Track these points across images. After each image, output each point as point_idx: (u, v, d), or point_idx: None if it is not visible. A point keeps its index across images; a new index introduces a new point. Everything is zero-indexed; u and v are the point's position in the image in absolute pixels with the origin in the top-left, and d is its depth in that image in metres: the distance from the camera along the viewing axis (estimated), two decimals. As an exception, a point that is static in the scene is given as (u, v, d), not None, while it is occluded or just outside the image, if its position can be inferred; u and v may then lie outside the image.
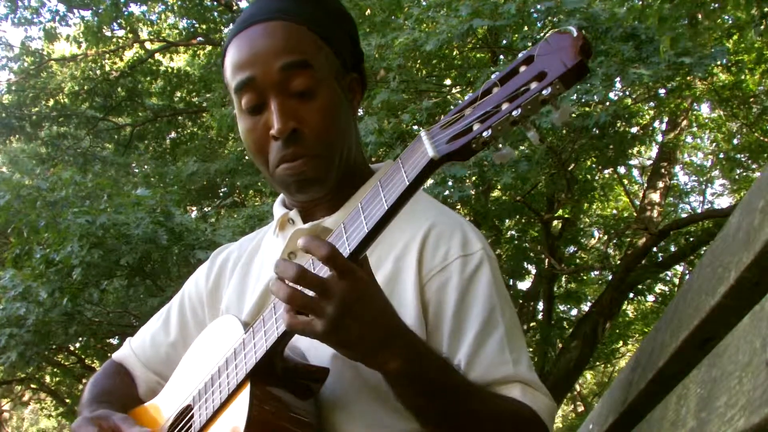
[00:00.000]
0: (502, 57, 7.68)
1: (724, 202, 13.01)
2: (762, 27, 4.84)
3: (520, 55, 0.92)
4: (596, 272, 11.42)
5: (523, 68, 0.91)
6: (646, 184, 10.50)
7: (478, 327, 1.17)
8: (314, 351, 1.18)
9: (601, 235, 11.21)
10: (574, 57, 0.86)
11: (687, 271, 11.25)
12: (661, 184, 10.02)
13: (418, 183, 0.94)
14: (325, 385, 1.16)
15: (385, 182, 0.98)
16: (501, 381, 1.15)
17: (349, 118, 1.29)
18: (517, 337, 1.20)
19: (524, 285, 11.22)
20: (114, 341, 9.51)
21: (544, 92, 0.87)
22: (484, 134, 0.90)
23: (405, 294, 1.19)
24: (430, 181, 6.79)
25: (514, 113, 0.88)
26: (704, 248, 8.75)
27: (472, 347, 1.16)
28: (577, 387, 14.97)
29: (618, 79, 6.22)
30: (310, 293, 0.97)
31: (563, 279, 10.95)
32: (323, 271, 1.01)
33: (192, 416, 1.22)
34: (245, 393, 1.10)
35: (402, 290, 1.19)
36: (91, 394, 1.40)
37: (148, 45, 12.01)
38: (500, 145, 0.91)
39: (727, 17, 7.15)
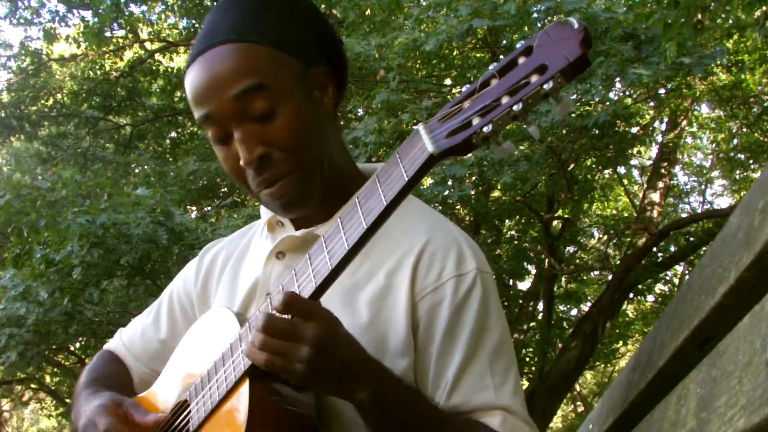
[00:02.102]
0: (502, 57, 7.67)
1: (724, 202, 13.03)
2: (766, 27, 4.82)
3: (518, 45, 0.89)
4: (596, 272, 11.42)
5: (522, 60, 0.88)
6: (646, 184, 10.51)
7: (465, 351, 1.15)
8: None
9: (601, 235, 11.21)
10: (577, 50, 0.83)
11: (687, 271, 11.25)
12: (661, 184, 10.03)
13: (417, 178, 0.92)
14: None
15: (383, 178, 0.96)
16: (482, 407, 1.14)
17: (322, 123, 1.21)
18: (505, 360, 1.18)
19: (524, 285, 11.23)
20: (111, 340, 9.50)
21: (545, 86, 0.84)
22: (485, 129, 0.87)
23: (395, 311, 1.17)
24: (429, 181, 6.79)
25: (515, 107, 0.85)
26: (704, 248, 8.75)
27: (456, 372, 1.15)
28: (577, 387, 14.96)
29: (618, 79, 6.23)
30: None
31: (563, 279, 10.94)
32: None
33: (189, 412, 1.22)
34: (245, 389, 1.10)
35: (392, 307, 1.18)
36: (89, 377, 1.40)
37: (148, 45, 12.01)
38: (500, 140, 0.89)
39: (725, 15, 7.15)
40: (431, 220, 1.26)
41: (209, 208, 11.08)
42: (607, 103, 6.49)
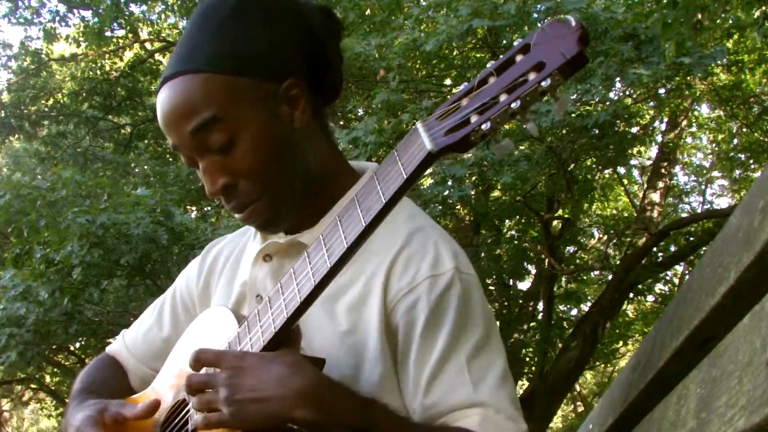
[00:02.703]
0: (501, 57, 7.68)
1: (724, 202, 13.02)
2: (765, 27, 4.83)
3: (515, 43, 0.90)
4: (596, 272, 11.42)
5: (519, 57, 0.87)
6: (646, 184, 10.51)
7: (442, 349, 1.12)
8: (308, 346, 1.18)
9: (601, 235, 11.21)
10: (574, 47, 0.83)
11: (687, 271, 11.25)
12: (661, 184, 10.03)
13: (415, 176, 0.91)
14: None
15: (381, 176, 0.95)
16: (459, 406, 1.11)
17: (293, 139, 1.18)
18: (488, 357, 1.14)
19: (524, 285, 11.23)
20: (114, 341, 9.52)
21: (543, 83, 0.84)
22: (483, 126, 0.87)
23: (370, 319, 1.16)
24: (429, 181, 6.79)
25: (513, 105, 0.85)
26: (704, 248, 8.75)
27: (432, 370, 1.12)
28: (577, 387, 14.97)
29: (618, 79, 6.23)
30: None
31: (563, 279, 10.94)
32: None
33: (188, 410, 1.22)
34: None
35: (368, 315, 1.16)
36: (81, 384, 1.40)
37: (148, 45, 12.01)
38: (499, 137, 0.88)
39: (725, 15, 7.15)
40: (414, 224, 1.23)
41: (209, 208, 11.08)
42: (607, 103, 6.49)
